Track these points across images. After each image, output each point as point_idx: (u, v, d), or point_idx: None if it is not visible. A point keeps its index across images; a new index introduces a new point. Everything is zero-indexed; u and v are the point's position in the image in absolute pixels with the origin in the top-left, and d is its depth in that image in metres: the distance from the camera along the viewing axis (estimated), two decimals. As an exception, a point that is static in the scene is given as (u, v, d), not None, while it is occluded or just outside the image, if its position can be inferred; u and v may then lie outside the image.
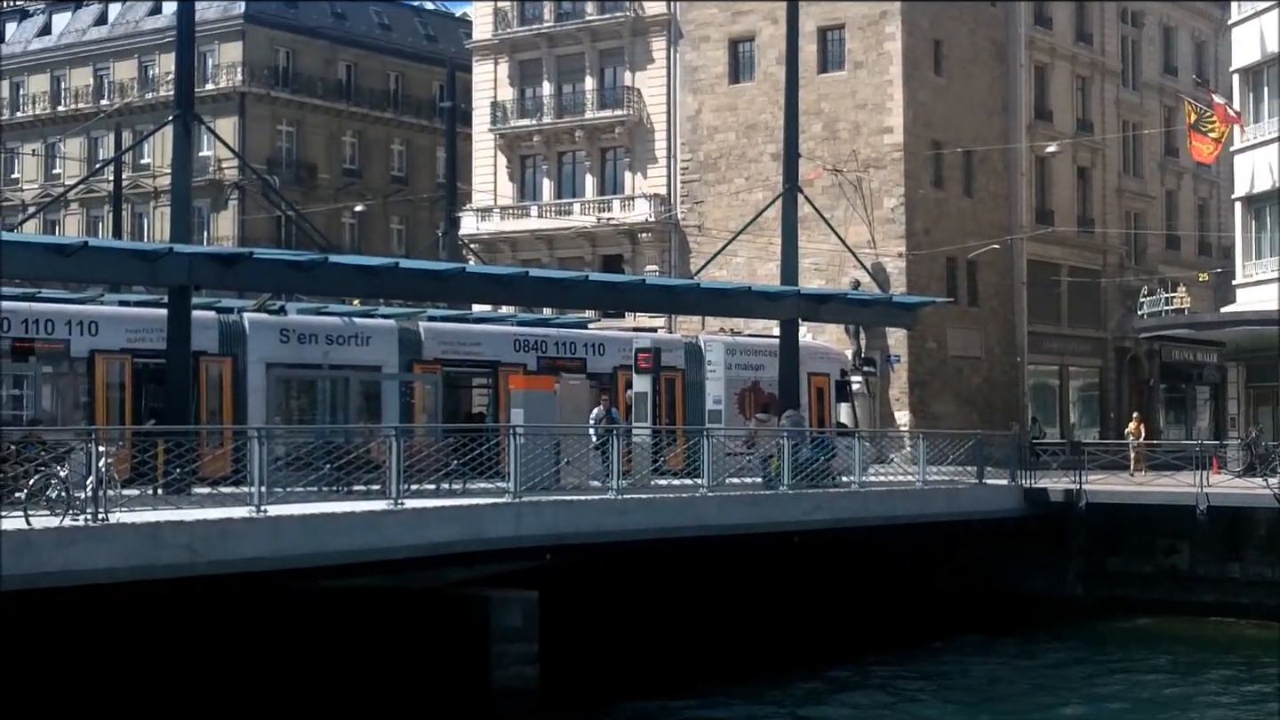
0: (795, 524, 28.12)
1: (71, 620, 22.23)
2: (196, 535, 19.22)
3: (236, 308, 30.81)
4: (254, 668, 23.49)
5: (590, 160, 59.74)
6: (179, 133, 28.38)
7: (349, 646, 23.64)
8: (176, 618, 23.06)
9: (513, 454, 23.68)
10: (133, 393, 28.40)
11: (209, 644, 23.61)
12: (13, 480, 19.58)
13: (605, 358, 34.59)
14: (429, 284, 30.28)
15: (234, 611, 23.04)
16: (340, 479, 23.34)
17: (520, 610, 23.12)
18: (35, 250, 25.94)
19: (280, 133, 71.29)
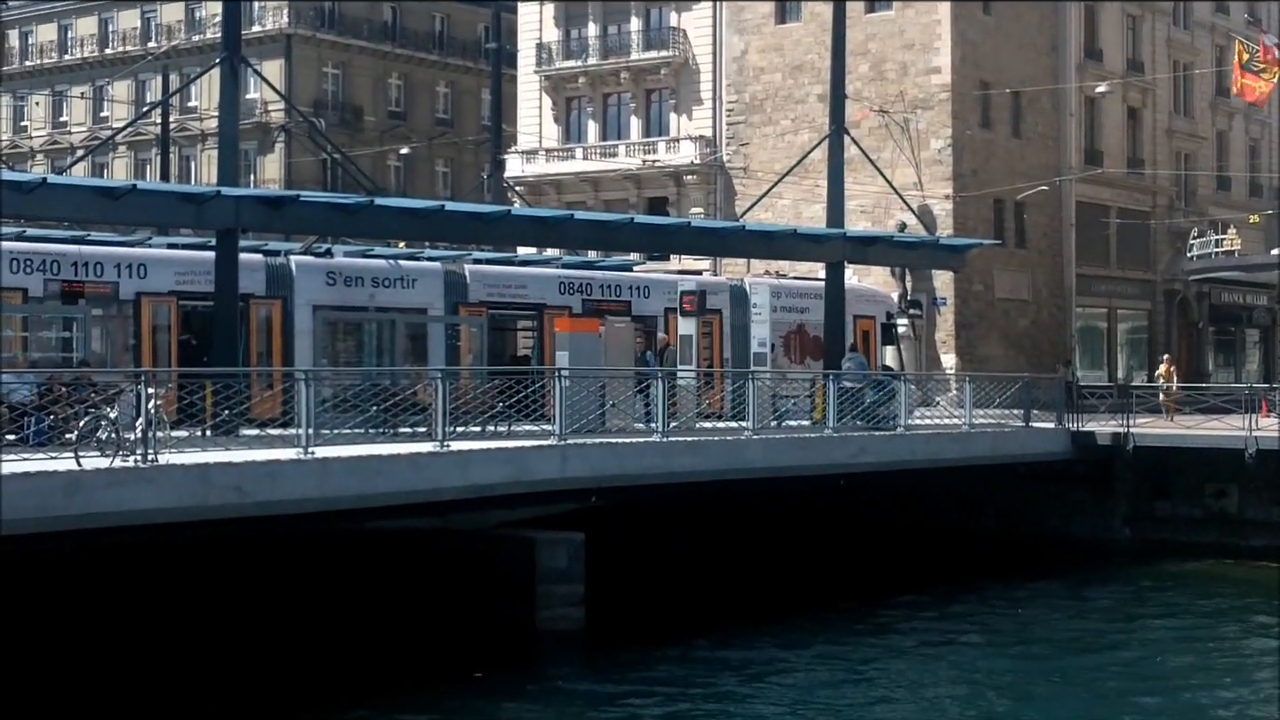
0: (841, 467, 28.09)
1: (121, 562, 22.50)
2: (245, 476, 19.37)
3: (283, 250, 30.91)
4: (300, 609, 23.74)
5: (635, 102, 59.44)
6: (226, 75, 28.42)
7: (395, 588, 23.84)
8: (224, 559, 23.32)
9: (558, 396, 23.73)
10: (181, 335, 28.58)
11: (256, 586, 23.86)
12: (63, 422, 19.80)
13: (650, 300, 34.56)
14: (474, 226, 30.28)
15: (281, 553, 23.27)
16: (386, 421, 23.45)
17: (566, 552, 23.24)
18: (84, 193, 26.12)
19: (326, 75, 71.29)
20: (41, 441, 20.00)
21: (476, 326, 30.88)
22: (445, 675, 21.12)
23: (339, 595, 23.93)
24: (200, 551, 22.96)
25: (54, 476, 17.67)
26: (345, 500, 20.55)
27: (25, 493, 17.23)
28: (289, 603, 23.96)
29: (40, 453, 19.00)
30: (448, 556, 23.62)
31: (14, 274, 26.78)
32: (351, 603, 23.80)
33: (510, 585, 23.07)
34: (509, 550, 23.35)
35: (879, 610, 26.25)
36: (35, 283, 27.05)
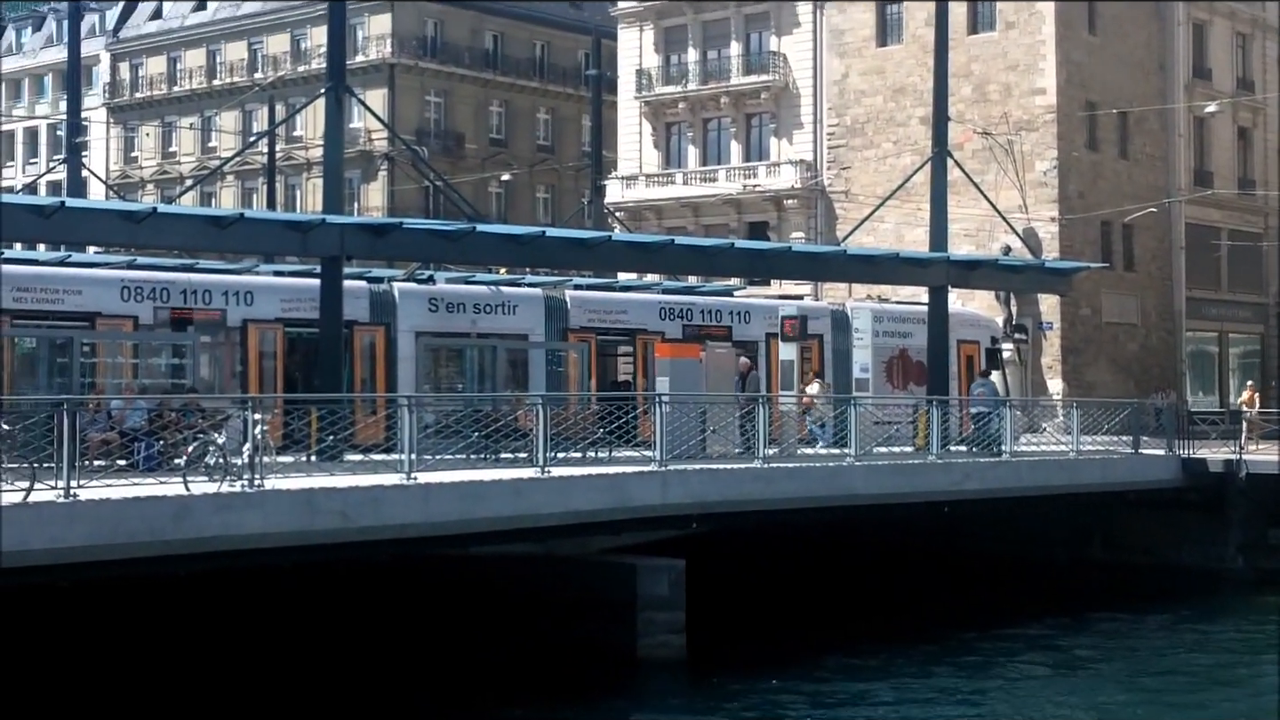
0: (945, 494, 27.74)
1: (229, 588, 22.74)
2: (349, 501, 19.49)
3: (386, 277, 31.19)
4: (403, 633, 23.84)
5: (735, 126, 59.42)
6: (330, 105, 28.75)
7: (497, 613, 23.86)
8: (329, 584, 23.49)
9: (659, 422, 23.65)
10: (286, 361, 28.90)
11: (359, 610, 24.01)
12: (173, 447, 20.07)
13: (751, 325, 34.44)
14: (575, 252, 30.34)
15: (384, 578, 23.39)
16: (488, 446, 23.52)
17: (667, 578, 23.12)
18: (193, 222, 26.51)
19: (428, 103, 71.99)
20: (151, 466, 20.27)
21: (578, 352, 30.93)
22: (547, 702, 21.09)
23: (441, 620, 24.00)
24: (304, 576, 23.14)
25: (163, 501, 17.89)
26: (448, 526, 20.61)
27: (136, 517, 17.48)
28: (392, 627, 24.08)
29: (150, 478, 19.24)
30: (549, 582, 23.61)
31: (125, 302, 27.23)
32: (454, 627, 23.86)
33: (611, 612, 22.98)
34: (610, 576, 23.28)
35: (985, 641, 25.84)
36: (146, 310, 27.47)
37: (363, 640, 23.80)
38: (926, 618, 28.21)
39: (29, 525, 16.76)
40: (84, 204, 28.72)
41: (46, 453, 17.68)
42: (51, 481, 17.30)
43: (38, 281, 26.88)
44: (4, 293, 26.05)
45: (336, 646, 23.61)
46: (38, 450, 17.74)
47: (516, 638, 23.39)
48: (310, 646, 23.52)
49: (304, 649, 23.44)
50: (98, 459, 19.77)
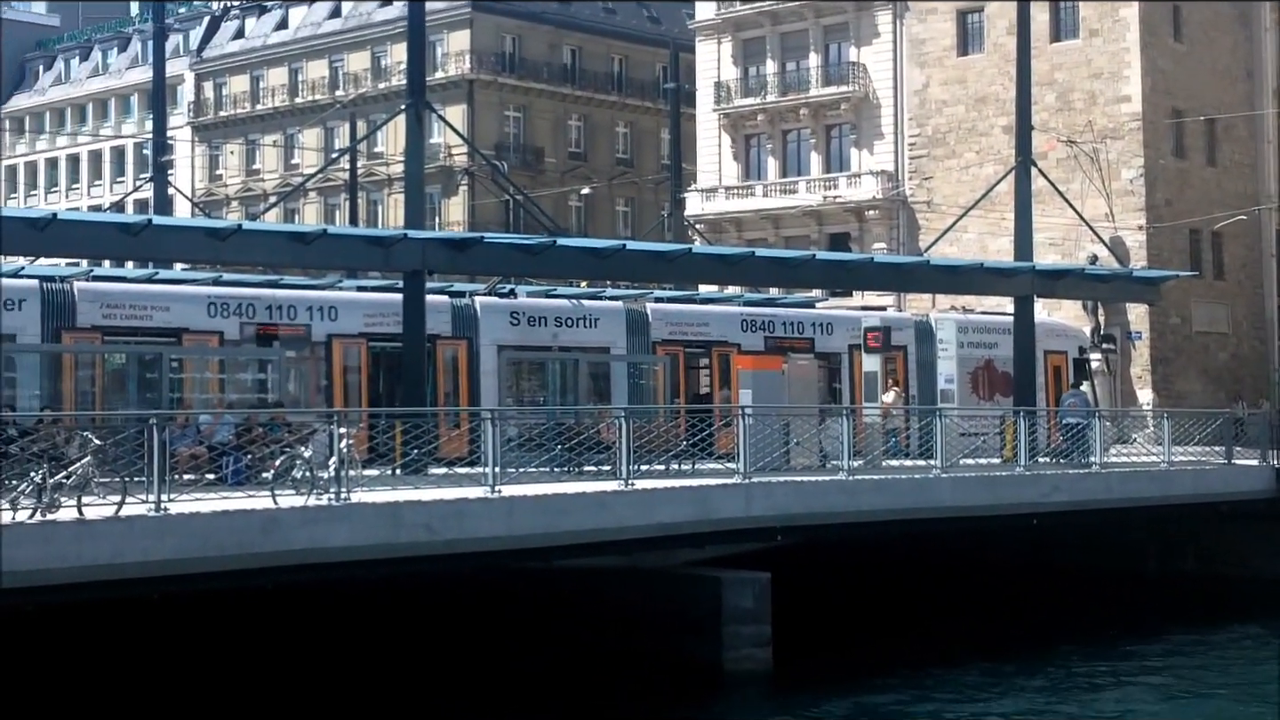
0: (1033, 506, 27.40)
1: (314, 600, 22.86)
2: (434, 515, 19.55)
3: (468, 291, 31.29)
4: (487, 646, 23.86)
5: (815, 138, 59.22)
6: (411, 121, 28.88)
7: (581, 626, 23.83)
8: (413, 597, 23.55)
9: (742, 434, 23.55)
10: (370, 376, 29.05)
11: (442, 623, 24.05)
12: (260, 461, 20.23)
13: (833, 337, 34.23)
14: (656, 265, 30.30)
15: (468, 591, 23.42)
16: (571, 459, 23.51)
17: (752, 591, 22.97)
18: (277, 239, 26.76)
19: (508, 118, 72.34)
20: (239, 480, 20.44)
21: (659, 365, 30.88)
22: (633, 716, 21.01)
23: (525, 633, 24.00)
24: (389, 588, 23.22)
25: (252, 515, 18.04)
26: (532, 539, 20.62)
27: (225, 530, 17.65)
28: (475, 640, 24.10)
29: (238, 491, 19.40)
30: (633, 595, 23.54)
31: (211, 318, 27.49)
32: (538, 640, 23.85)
33: (696, 625, 22.88)
34: (695, 589, 23.17)
35: (1077, 655, 25.48)
36: (232, 326, 27.72)
37: (446, 653, 23.84)
38: (1016, 632, 27.87)
39: (121, 538, 16.97)
40: (170, 222, 29.02)
41: (137, 467, 17.86)
42: (142, 495, 17.48)
43: (126, 298, 27.20)
44: (94, 309, 26.41)
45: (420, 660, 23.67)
46: (129, 464, 17.92)
47: (601, 651, 23.34)
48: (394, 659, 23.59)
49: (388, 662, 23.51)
50: (187, 473, 19.96)
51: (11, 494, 16.96)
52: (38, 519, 16.70)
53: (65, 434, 19.23)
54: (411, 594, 23.67)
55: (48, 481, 16.96)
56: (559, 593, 23.66)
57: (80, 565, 16.69)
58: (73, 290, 26.48)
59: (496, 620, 24.18)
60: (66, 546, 16.61)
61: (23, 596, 16.84)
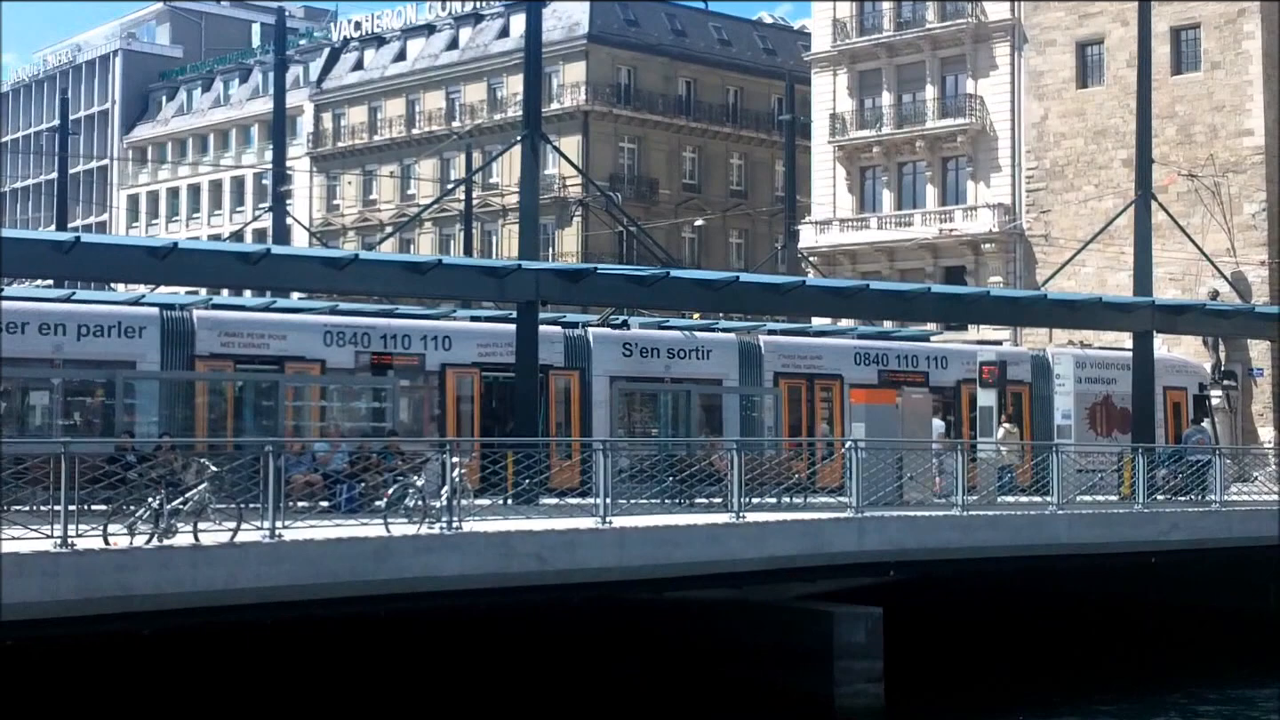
0: (1151, 544, 26.87)
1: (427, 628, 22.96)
2: (545, 544, 19.57)
3: (581, 322, 31.38)
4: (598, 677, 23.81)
5: (931, 170, 58.84)
6: (526, 152, 29.07)
7: (691, 658, 23.72)
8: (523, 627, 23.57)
9: (854, 468, 23.35)
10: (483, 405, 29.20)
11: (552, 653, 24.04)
12: (373, 489, 20.39)
13: (948, 371, 33.89)
14: (769, 297, 30.18)
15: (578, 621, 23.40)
16: (682, 491, 23.45)
17: (864, 626, 22.75)
18: (393, 268, 26.99)
19: (622, 149, 72.65)
20: (353, 508, 20.60)
21: (772, 397, 30.73)
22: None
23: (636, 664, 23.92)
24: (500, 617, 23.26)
25: (365, 542, 18.18)
26: (642, 570, 20.58)
27: (338, 557, 17.79)
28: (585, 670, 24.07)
29: (351, 519, 19.55)
30: (744, 628, 23.40)
31: (327, 346, 27.80)
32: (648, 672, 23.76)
33: (808, 659, 22.68)
34: (806, 623, 22.98)
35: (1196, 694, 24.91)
36: (347, 355, 28.01)
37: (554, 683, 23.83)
38: (1133, 670, 27.33)
39: (236, 564, 17.17)
40: (288, 251, 29.41)
41: (252, 494, 18.06)
42: (257, 522, 17.67)
43: (244, 326, 27.60)
44: (212, 337, 26.83)
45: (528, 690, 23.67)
46: (245, 491, 18.13)
47: (711, 684, 23.20)
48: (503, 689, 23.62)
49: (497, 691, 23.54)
50: (301, 500, 20.16)
51: (129, 519, 17.21)
52: (155, 544, 16.95)
53: (183, 460, 19.52)
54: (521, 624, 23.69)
55: (165, 507, 17.21)
56: (669, 625, 23.58)
57: (195, 590, 16.91)
58: (192, 318, 26.91)
59: (606, 652, 24.13)
60: (182, 571, 16.83)
61: (140, 621, 17.08)
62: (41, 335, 25.52)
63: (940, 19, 58.73)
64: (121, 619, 16.80)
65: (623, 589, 21.03)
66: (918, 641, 25.58)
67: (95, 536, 16.68)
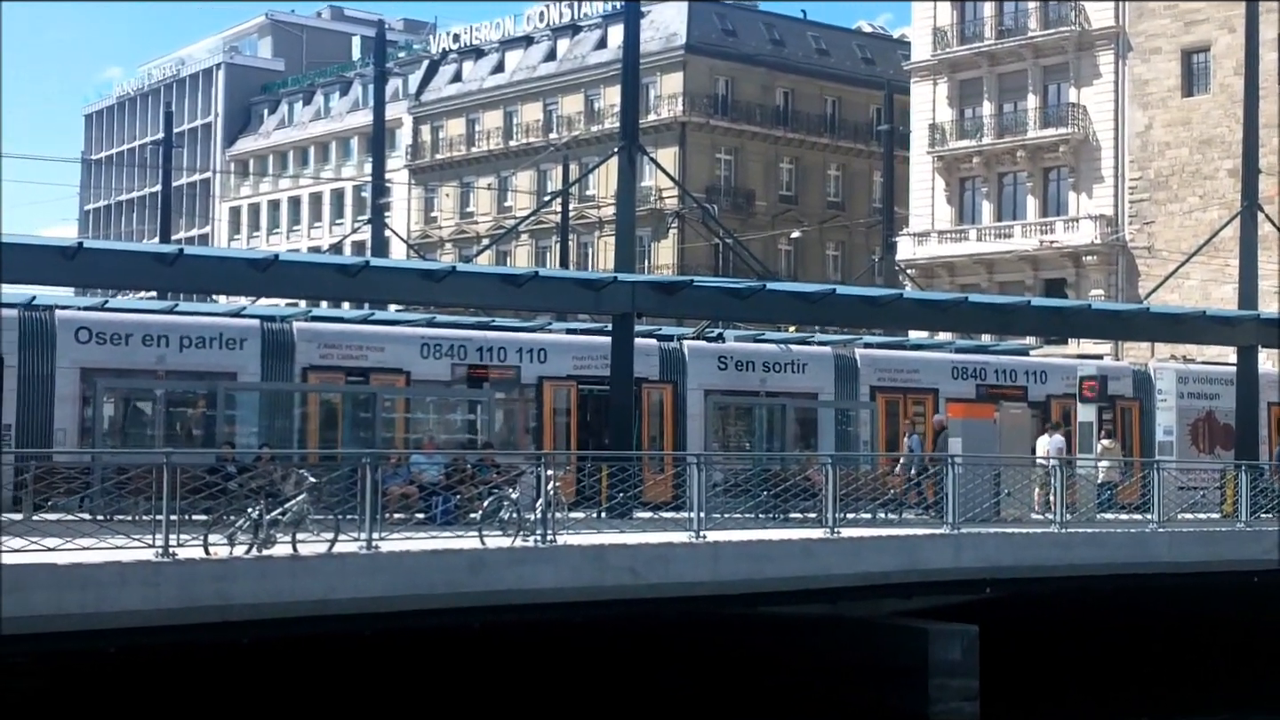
0: (1254, 563, 26.36)
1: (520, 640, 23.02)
2: (639, 558, 19.58)
3: (676, 335, 31.37)
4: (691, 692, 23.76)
5: (1032, 181, 58.23)
6: (623, 164, 29.12)
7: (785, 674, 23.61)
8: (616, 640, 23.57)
9: (951, 484, 23.14)
10: (578, 418, 29.28)
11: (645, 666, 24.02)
12: (469, 501, 20.50)
13: (1047, 385, 33.50)
14: (865, 310, 30.01)
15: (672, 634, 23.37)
16: (776, 506, 23.37)
17: (960, 644, 22.51)
18: (490, 281, 27.15)
19: (719, 160, 72.61)
20: (448, 520, 20.73)
21: (868, 411, 30.55)
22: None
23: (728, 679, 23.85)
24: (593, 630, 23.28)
25: (460, 554, 18.29)
26: (736, 585, 20.52)
27: (434, 569, 17.91)
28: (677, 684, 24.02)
29: (447, 531, 19.68)
30: (838, 644, 23.24)
31: (424, 359, 28.03)
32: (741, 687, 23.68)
33: (902, 676, 22.48)
34: (901, 640, 22.78)
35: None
36: (444, 367, 28.22)
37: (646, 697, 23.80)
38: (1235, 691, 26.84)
39: (334, 575, 17.33)
40: (387, 263, 29.69)
41: (350, 505, 18.23)
42: (354, 533, 17.83)
43: (342, 338, 27.90)
44: (311, 349, 27.13)
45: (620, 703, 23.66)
46: (342, 502, 18.31)
47: (805, 700, 23.07)
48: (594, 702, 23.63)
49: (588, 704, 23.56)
50: (397, 512, 20.31)
51: (229, 529, 17.44)
52: (254, 554, 17.15)
53: (282, 471, 19.74)
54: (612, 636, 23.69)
55: (264, 518, 17.42)
56: (762, 640, 23.48)
57: (293, 600, 17.08)
58: (292, 330, 27.23)
59: (699, 666, 24.07)
60: (281, 582, 17.02)
61: (239, 630, 17.29)
62: (145, 346, 25.98)
63: (1043, 26, 58.13)
64: (221, 628, 17.01)
65: (716, 604, 20.98)
66: (1013, 659, 25.27)
67: (196, 546, 16.90)
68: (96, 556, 16.13)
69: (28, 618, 15.44)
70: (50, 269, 22.47)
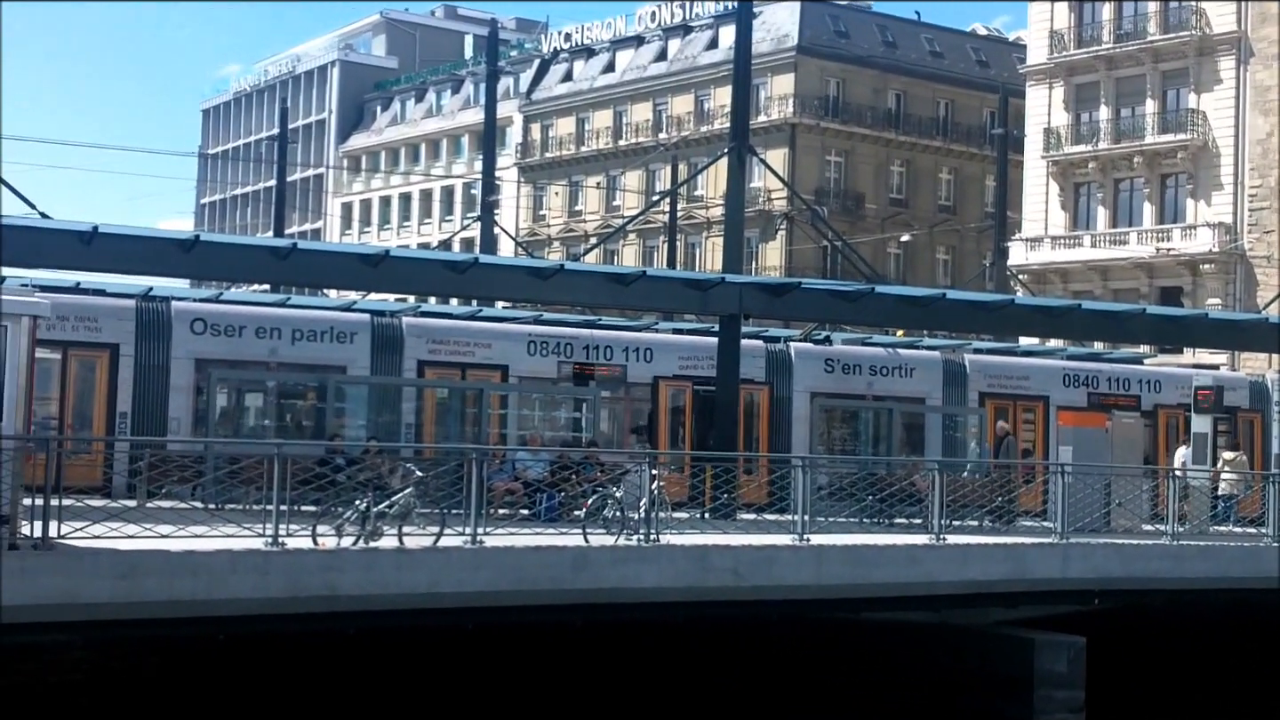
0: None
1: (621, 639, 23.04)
2: (741, 560, 19.51)
3: (783, 337, 31.23)
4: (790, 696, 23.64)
5: (1149, 187, 57.31)
6: (733, 164, 29.05)
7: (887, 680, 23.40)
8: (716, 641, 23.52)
9: (1060, 493, 22.83)
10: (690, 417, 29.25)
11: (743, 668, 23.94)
12: (573, 499, 20.53)
13: (1161, 395, 32.93)
14: (976, 316, 29.70)
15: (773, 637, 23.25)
16: (881, 510, 23.18)
17: (1066, 655, 22.17)
18: (597, 279, 27.20)
19: (829, 162, 72.23)
20: (552, 517, 20.78)
21: (977, 417, 30.21)
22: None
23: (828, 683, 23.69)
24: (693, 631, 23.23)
25: (564, 551, 18.33)
26: (839, 589, 20.38)
27: (537, 565, 17.96)
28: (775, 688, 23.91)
29: (551, 528, 19.73)
30: (941, 652, 23.00)
31: (531, 356, 28.14)
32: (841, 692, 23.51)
33: (1007, 686, 22.19)
34: (1007, 650, 22.48)
35: None
36: (550, 365, 28.32)
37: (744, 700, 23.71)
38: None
39: (439, 569, 17.44)
40: (495, 260, 29.85)
41: (455, 500, 18.33)
42: (459, 528, 17.93)
43: (450, 334, 28.07)
44: (420, 344, 27.34)
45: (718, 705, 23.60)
46: (448, 497, 18.42)
47: (907, 707, 22.86)
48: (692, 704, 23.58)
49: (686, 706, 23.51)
50: (501, 508, 20.39)
51: (337, 520, 17.62)
52: (361, 546, 17.31)
53: (389, 465, 19.91)
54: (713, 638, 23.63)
55: (371, 510, 17.57)
56: (866, 645, 23.30)
57: (399, 593, 17.21)
58: (401, 326, 27.46)
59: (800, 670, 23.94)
60: (387, 574, 17.15)
61: (345, 620, 17.46)
62: (258, 339, 26.33)
63: (1163, 30, 57.18)
64: (328, 618, 17.18)
65: (819, 608, 20.85)
66: (1121, 672, 24.87)
67: (304, 537, 17.10)
68: (208, 545, 16.37)
69: (141, 603, 15.70)
70: (168, 261, 22.85)
